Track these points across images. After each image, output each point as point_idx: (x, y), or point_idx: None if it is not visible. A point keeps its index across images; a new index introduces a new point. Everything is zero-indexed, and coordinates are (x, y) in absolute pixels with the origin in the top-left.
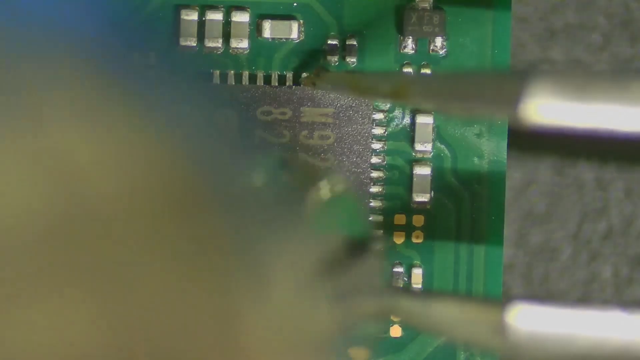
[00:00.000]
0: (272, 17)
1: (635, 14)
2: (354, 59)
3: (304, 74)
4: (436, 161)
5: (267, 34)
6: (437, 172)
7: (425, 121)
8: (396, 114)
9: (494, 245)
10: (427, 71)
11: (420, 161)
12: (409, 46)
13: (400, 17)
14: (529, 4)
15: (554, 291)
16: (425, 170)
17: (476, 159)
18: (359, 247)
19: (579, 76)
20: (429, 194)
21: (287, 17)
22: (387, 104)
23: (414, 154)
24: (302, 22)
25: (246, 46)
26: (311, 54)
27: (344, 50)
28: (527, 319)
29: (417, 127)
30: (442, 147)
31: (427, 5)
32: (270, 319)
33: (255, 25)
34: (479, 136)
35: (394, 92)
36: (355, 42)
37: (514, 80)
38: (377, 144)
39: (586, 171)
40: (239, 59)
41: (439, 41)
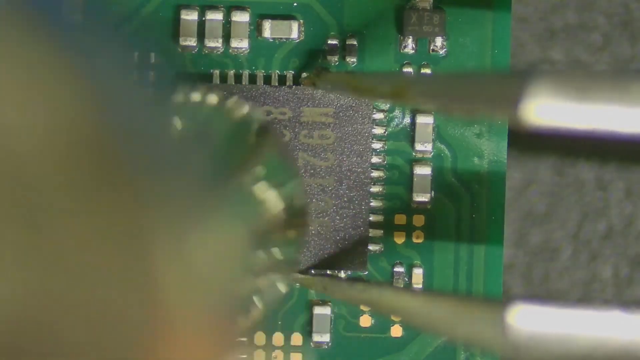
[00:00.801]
0: (272, 17)
1: (635, 14)
2: (354, 59)
3: (304, 74)
4: (436, 161)
5: (267, 34)
6: (437, 172)
7: (425, 121)
8: (396, 114)
9: (494, 245)
10: (427, 71)
11: (420, 161)
12: (409, 46)
13: (400, 17)
14: (529, 4)
15: (554, 291)
16: (425, 170)
17: (476, 159)
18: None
19: (579, 77)
20: (429, 194)
21: (287, 17)
22: (387, 104)
23: (414, 153)
24: (302, 22)
25: (246, 46)
26: (311, 54)
27: (344, 50)
28: (527, 319)
29: (417, 127)
30: (442, 147)
31: (427, 5)
32: (188, 276)
33: (255, 25)
34: (479, 136)
35: (394, 92)
36: (355, 42)
37: (514, 81)
38: (377, 144)
39: (586, 171)
40: (239, 59)
41: (439, 41)
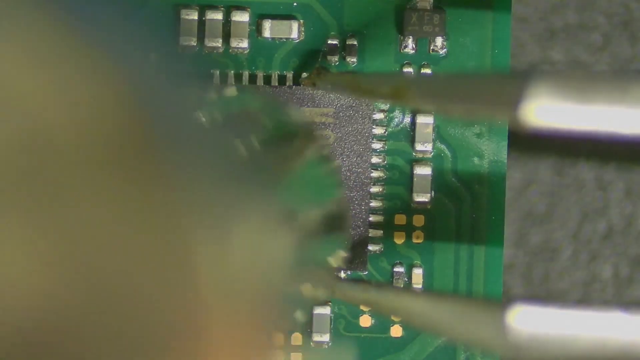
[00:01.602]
0: (272, 17)
1: (635, 14)
2: (354, 59)
3: (304, 74)
4: (436, 161)
5: (267, 33)
6: (437, 172)
7: (425, 121)
8: (396, 114)
9: (494, 245)
10: (427, 71)
11: (420, 161)
12: (409, 46)
13: (400, 17)
14: (529, 4)
15: (554, 291)
16: (425, 170)
17: (476, 159)
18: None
19: (579, 78)
20: (429, 194)
21: (287, 17)
22: (387, 104)
23: (414, 153)
24: (302, 22)
25: (246, 46)
26: (311, 54)
27: (344, 50)
28: (527, 320)
29: (418, 127)
30: (442, 147)
31: (427, 5)
32: (225, 261)
33: (255, 25)
34: (479, 136)
35: (394, 93)
36: (355, 42)
37: (514, 82)
38: (377, 144)
39: (586, 171)
40: (239, 59)
41: (439, 41)
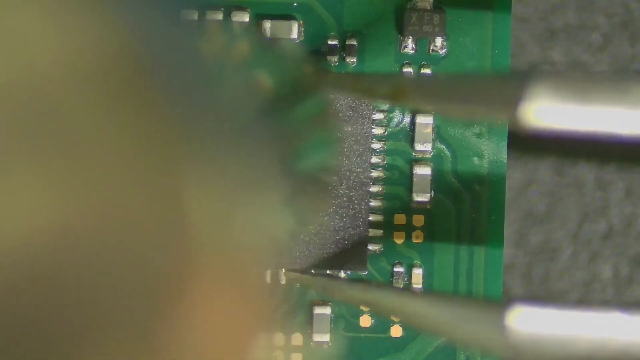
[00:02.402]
0: (272, 17)
1: (635, 14)
2: (354, 59)
3: None
4: (436, 161)
5: (267, 34)
6: (437, 172)
7: (425, 121)
8: (396, 114)
9: (494, 245)
10: (427, 71)
11: (420, 161)
12: (409, 46)
13: (400, 17)
14: (529, 4)
15: (554, 291)
16: (425, 170)
17: (476, 159)
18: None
19: (579, 79)
20: (429, 194)
21: (287, 17)
22: (387, 104)
23: (414, 153)
24: (302, 22)
25: None
26: (311, 54)
27: (344, 50)
28: (527, 321)
29: (417, 127)
30: (442, 147)
31: (427, 5)
32: (218, 210)
33: (255, 25)
34: (479, 136)
35: (394, 93)
36: (355, 42)
37: (513, 83)
38: (377, 144)
39: (586, 171)
40: None
41: (439, 41)
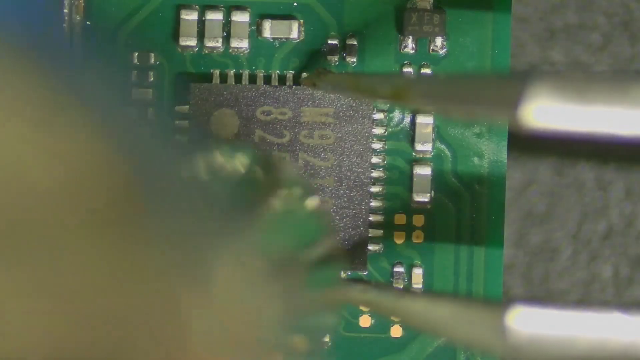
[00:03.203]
0: (272, 17)
1: (635, 14)
2: (354, 59)
3: (304, 74)
4: (436, 161)
5: (267, 33)
6: (437, 172)
7: (425, 121)
8: (396, 114)
9: (494, 245)
10: (427, 71)
11: (420, 161)
12: (409, 46)
13: (400, 17)
14: (529, 4)
15: (554, 291)
16: (425, 170)
17: (476, 159)
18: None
19: (579, 79)
20: (429, 194)
21: (287, 17)
22: (387, 104)
23: (414, 153)
24: (302, 22)
25: (246, 46)
26: (311, 54)
27: (344, 50)
28: (527, 321)
29: (417, 127)
30: (442, 147)
31: (427, 5)
32: (212, 314)
33: (255, 25)
34: (479, 136)
35: (394, 93)
36: (355, 42)
37: (513, 83)
38: (377, 144)
39: (586, 171)
40: (239, 59)
41: (439, 41)
